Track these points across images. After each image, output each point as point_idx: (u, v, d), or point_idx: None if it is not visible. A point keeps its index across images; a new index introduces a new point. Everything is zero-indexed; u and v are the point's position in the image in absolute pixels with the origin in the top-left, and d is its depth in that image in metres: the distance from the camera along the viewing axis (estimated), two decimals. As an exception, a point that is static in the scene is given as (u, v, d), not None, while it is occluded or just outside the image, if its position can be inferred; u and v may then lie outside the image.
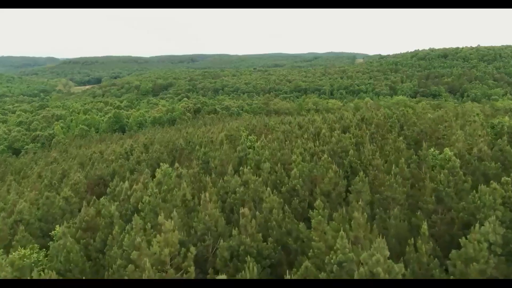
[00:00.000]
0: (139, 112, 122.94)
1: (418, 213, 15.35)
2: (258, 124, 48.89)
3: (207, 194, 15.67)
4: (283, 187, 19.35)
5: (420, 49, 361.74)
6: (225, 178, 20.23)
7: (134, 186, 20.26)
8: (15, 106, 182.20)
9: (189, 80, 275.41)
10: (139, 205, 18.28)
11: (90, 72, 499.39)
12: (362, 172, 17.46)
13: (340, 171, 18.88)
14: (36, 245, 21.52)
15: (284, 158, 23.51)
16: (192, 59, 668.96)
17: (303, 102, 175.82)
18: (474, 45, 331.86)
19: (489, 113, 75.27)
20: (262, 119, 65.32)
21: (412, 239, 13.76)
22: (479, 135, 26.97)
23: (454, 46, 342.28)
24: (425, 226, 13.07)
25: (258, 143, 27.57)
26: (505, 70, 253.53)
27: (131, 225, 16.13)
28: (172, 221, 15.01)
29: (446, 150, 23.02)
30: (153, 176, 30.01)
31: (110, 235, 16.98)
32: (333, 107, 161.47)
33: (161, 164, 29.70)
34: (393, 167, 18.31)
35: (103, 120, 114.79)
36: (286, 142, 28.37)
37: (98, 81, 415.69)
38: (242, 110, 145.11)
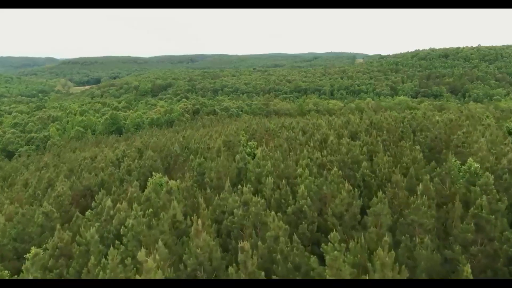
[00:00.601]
0: (136, 113, 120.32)
1: (457, 247, 12.71)
2: (259, 128, 46.21)
3: (199, 221, 13.05)
4: (289, 207, 16.69)
5: (420, 49, 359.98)
6: (221, 196, 17.53)
7: (118, 205, 17.63)
8: (11, 107, 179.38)
9: (189, 80, 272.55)
10: (122, 229, 15.69)
11: (89, 73, 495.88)
12: (380, 192, 14.83)
13: (355, 190, 16.19)
14: (6, 271, 18.93)
15: (288, 171, 20.68)
16: (191, 59, 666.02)
17: (304, 103, 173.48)
18: (474, 45, 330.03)
19: (497, 115, 72.69)
20: (262, 122, 62.51)
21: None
22: (505, 143, 24.35)
23: (455, 46, 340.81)
24: (468, 268, 10.43)
25: (259, 152, 24.72)
26: (506, 70, 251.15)
27: (110, 254, 13.57)
28: (157, 255, 12.43)
29: (471, 161, 20.42)
30: (144, 187, 27.39)
31: (85, 267, 14.37)
32: (334, 107, 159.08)
33: (153, 173, 27.06)
34: (418, 185, 15.66)
35: (99, 122, 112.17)
36: (291, 153, 25.39)
37: (97, 81, 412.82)
38: (241, 111, 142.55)
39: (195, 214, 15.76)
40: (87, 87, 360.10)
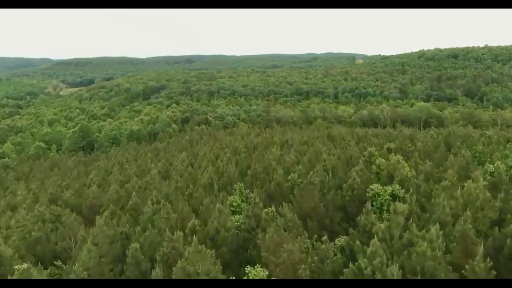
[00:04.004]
0: (114, 124, 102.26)
1: None
2: (260, 165, 28.44)
3: None
4: None
5: (425, 48, 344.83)
6: None
7: None
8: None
9: (183, 82, 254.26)
10: None
11: (83, 74, 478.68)
12: None
13: None
14: None
15: None
16: (188, 60, 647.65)
17: (308, 108, 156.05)
18: (481, 45, 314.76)
19: None
20: (267, 156, 44.07)
21: None
22: None
23: (459, 45, 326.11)
24: None
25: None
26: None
27: None
28: None
29: None
30: None
31: None
32: (343, 114, 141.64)
33: None
34: None
35: (68, 134, 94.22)
36: None
37: (90, 82, 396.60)
38: (238, 119, 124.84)
39: None
40: (76, 89, 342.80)
